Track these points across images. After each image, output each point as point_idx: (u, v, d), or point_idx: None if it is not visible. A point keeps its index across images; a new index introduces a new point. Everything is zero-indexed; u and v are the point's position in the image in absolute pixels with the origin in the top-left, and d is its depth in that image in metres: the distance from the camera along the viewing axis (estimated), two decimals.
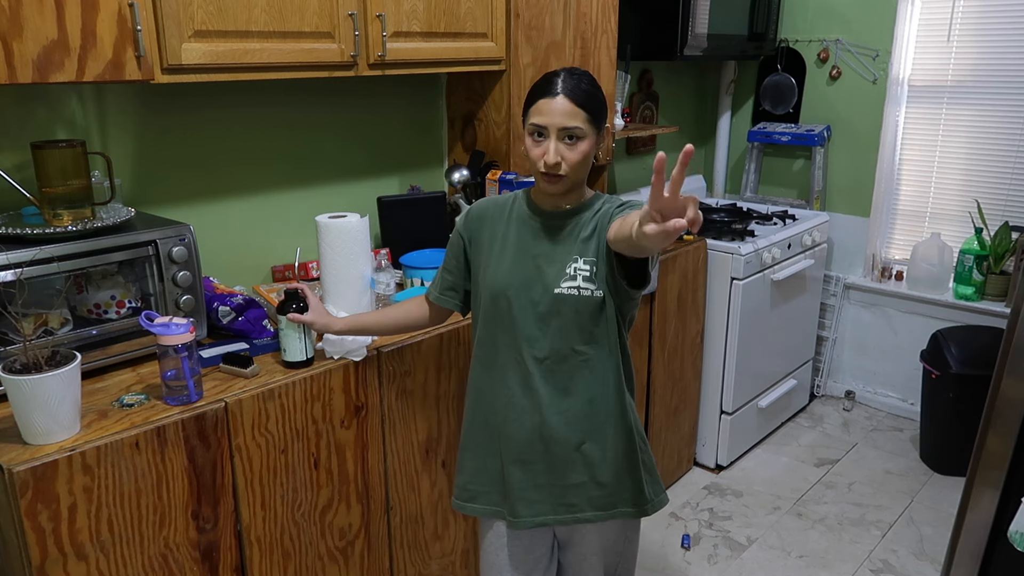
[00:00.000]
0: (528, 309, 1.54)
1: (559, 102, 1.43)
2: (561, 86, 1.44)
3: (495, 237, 1.61)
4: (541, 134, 1.46)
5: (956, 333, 3.13)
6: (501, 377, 1.60)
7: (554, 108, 1.43)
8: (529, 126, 1.48)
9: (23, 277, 1.46)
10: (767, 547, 2.73)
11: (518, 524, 1.62)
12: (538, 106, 1.46)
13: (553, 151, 1.44)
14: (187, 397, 1.53)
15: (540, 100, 1.45)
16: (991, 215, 3.28)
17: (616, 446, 1.59)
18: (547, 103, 1.44)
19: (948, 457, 3.15)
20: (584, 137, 1.45)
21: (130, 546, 1.46)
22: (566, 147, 1.45)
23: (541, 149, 1.46)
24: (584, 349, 1.55)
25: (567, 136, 1.44)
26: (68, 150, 1.63)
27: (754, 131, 3.75)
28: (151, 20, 1.58)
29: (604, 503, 1.61)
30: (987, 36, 3.18)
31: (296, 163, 2.28)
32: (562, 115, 1.43)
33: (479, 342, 1.64)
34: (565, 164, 1.45)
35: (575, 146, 1.45)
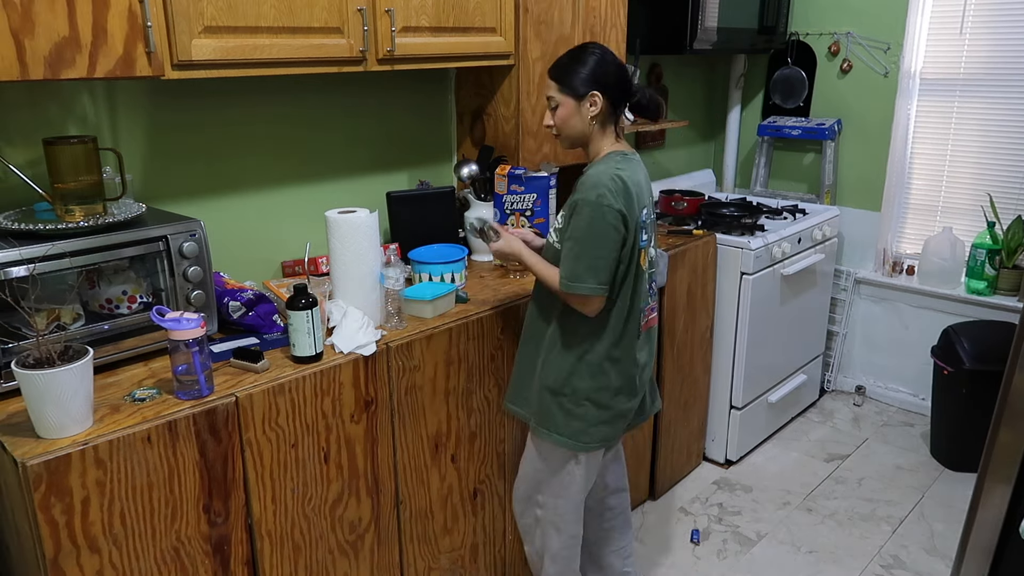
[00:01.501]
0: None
1: (547, 80, 1.84)
2: (553, 68, 1.82)
3: None
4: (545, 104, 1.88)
5: (968, 328, 3.11)
6: None
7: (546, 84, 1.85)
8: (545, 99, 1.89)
9: (36, 272, 1.47)
10: (777, 542, 2.72)
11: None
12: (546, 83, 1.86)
13: (547, 115, 1.86)
14: (198, 392, 1.54)
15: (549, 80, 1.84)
16: (1004, 209, 3.26)
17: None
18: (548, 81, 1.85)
19: (959, 453, 3.14)
20: (559, 104, 1.81)
21: (142, 539, 1.47)
22: (551, 112, 1.84)
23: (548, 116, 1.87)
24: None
25: (551, 104, 1.83)
26: (80, 146, 1.64)
27: (764, 125, 3.73)
28: (161, 16, 1.58)
29: None
30: (1000, 28, 3.16)
31: (306, 158, 2.29)
32: (546, 88, 1.85)
33: None
34: (554, 125, 1.85)
35: (555, 112, 1.84)
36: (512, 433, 2.23)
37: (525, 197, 2.33)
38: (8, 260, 1.45)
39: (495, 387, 2.14)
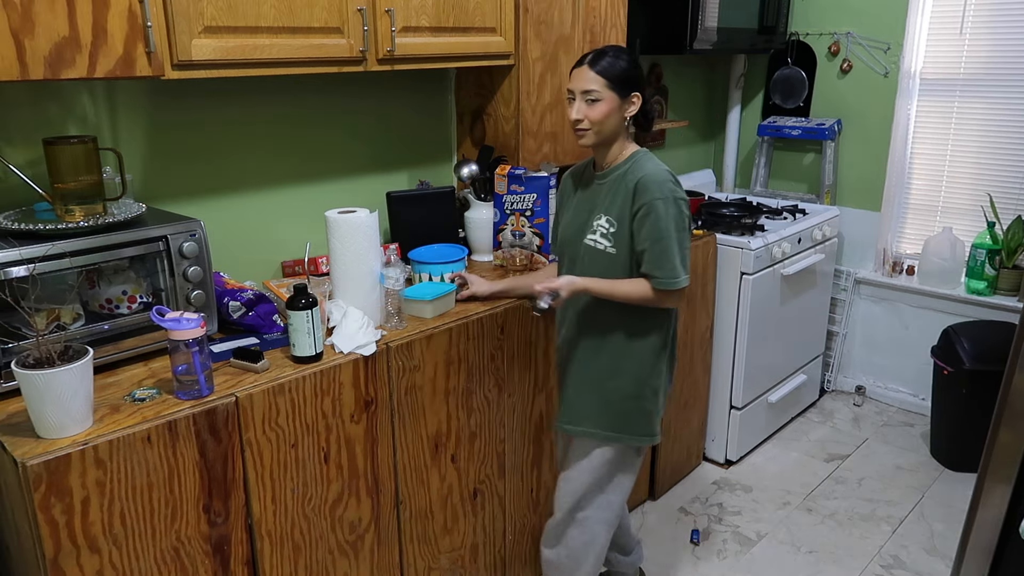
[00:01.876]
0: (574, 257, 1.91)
1: (584, 71, 1.78)
2: (590, 59, 1.78)
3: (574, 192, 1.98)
4: (572, 97, 1.81)
5: (968, 328, 3.11)
6: None
7: (580, 75, 1.79)
8: (567, 91, 1.83)
9: (36, 272, 1.47)
10: (776, 542, 2.72)
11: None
12: (572, 74, 1.82)
13: (576, 109, 1.80)
14: (198, 392, 1.54)
15: (574, 69, 1.81)
16: (1004, 209, 3.26)
17: None
18: (576, 71, 1.80)
19: (959, 453, 3.14)
20: (601, 100, 1.77)
21: (142, 539, 1.47)
22: (587, 107, 1.78)
23: (571, 109, 1.81)
24: None
25: (587, 98, 1.77)
26: (80, 146, 1.64)
27: (764, 125, 3.73)
28: (161, 16, 1.58)
29: None
30: (1000, 28, 3.16)
31: (306, 158, 2.29)
32: (584, 81, 1.78)
33: None
34: (588, 120, 1.79)
35: (594, 106, 1.78)
36: (512, 433, 2.23)
37: (525, 197, 2.33)
38: (8, 260, 1.45)
39: (495, 387, 2.14)
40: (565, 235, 1.95)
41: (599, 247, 1.84)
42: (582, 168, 1.99)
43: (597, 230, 1.85)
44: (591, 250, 1.86)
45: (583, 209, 1.90)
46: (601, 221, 1.84)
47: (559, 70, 2.52)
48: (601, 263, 1.84)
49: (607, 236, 1.83)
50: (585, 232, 1.87)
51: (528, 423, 2.27)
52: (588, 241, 1.86)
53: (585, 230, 1.87)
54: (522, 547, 2.38)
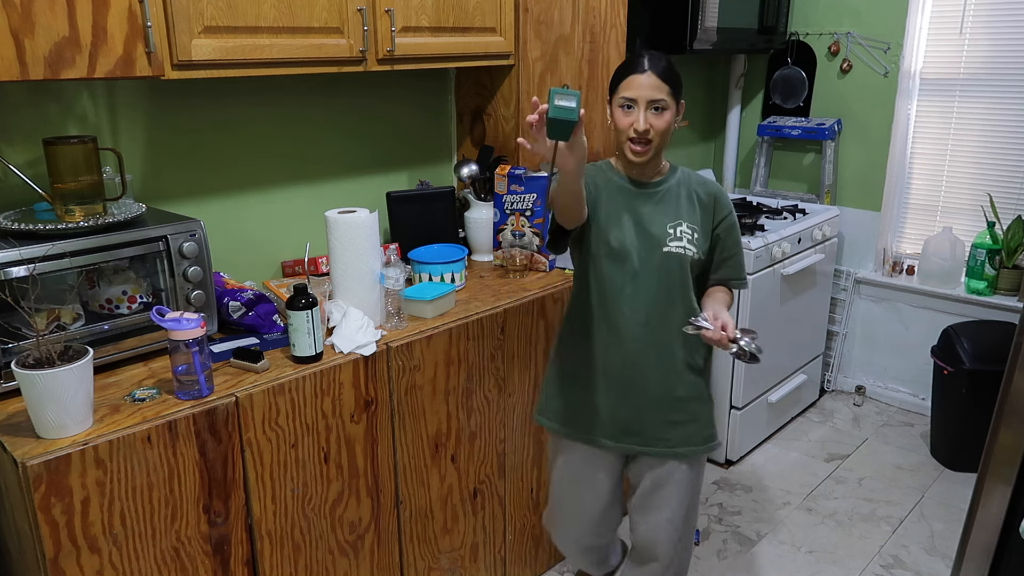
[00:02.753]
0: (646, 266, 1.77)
1: (648, 77, 1.67)
2: (648, 63, 1.67)
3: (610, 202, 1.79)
4: (631, 106, 1.69)
5: (968, 328, 3.11)
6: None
7: (644, 83, 1.67)
8: (619, 99, 1.70)
9: (36, 272, 1.47)
10: (777, 542, 2.72)
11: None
12: (628, 81, 1.69)
13: (643, 119, 1.68)
14: (198, 392, 1.54)
15: (630, 76, 1.69)
16: (1004, 209, 3.26)
17: None
18: (636, 78, 1.67)
19: (959, 452, 3.14)
20: (667, 108, 1.69)
21: (142, 539, 1.47)
22: (654, 116, 1.68)
23: (630, 119, 1.69)
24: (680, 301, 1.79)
25: (654, 107, 1.67)
26: (79, 146, 1.64)
27: (764, 125, 3.73)
28: (161, 16, 1.58)
29: None
30: (1000, 28, 3.16)
31: (305, 158, 2.29)
32: (650, 88, 1.67)
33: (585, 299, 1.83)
34: (653, 131, 1.69)
35: (661, 115, 1.69)
36: (512, 433, 2.23)
37: (525, 197, 2.33)
38: (8, 260, 1.45)
39: (495, 387, 2.14)
40: (625, 244, 1.76)
41: (688, 253, 1.76)
42: (605, 174, 1.81)
43: (682, 237, 1.76)
44: (677, 257, 1.75)
45: (645, 217, 1.76)
46: (684, 228, 1.76)
47: (559, 70, 2.52)
48: (682, 269, 1.76)
49: (693, 242, 1.76)
50: (664, 240, 1.75)
51: (528, 423, 2.27)
52: (674, 249, 1.75)
53: (663, 238, 1.75)
54: (522, 547, 2.38)
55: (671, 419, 1.82)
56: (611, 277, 1.77)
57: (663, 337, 1.79)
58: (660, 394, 1.81)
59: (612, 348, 1.80)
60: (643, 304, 1.77)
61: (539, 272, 2.36)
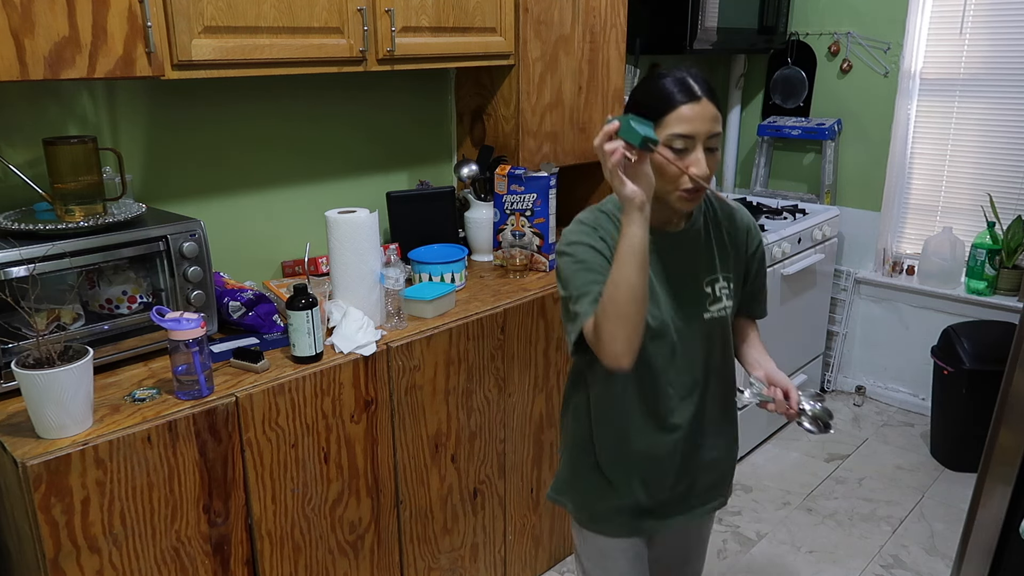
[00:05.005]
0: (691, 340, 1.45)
1: (705, 107, 1.29)
2: (700, 88, 1.31)
3: None
4: (684, 147, 1.29)
5: (968, 328, 3.11)
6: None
7: (702, 114, 1.29)
8: (669, 138, 1.29)
9: (36, 272, 1.47)
10: (777, 542, 2.72)
11: None
12: (680, 113, 1.29)
13: (704, 162, 1.29)
14: (198, 392, 1.54)
15: (682, 106, 1.29)
16: (1004, 209, 3.26)
17: None
18: (692, 109, 1.29)
19: (959, 453, 3.14)
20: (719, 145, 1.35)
21: (142, 539, 1.47)
22: (710, 156, 1.31)
23: (684, 163, 1.29)
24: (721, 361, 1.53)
25: (709, 146, 1.31)
26: (79, 146, 1.64)
27: (764, 125, 3.73)
28: (161, 16, 1.58)
29: None
30: (1000, 28, 3.15)
31: (305, 158, 2.29)
32: (711, 120, 1.30)
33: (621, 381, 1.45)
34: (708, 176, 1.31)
35: (715, 154, 1.32)
36: (512, 433, 2.23)
37: (525, 197, 2.33)
38: (8, 260, 1.45)
39: (495, 387, 2.14)
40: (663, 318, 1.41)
41: (729, 312, 1.48)
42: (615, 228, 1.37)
43: (721, 295, 1.45)
44: (720, 322, 1.46)
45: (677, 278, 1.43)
46: (721, 283, 1.46)
47: (559, 70, 2.52)
48: (724, 331, 1.49)
49: (731, 295, 1.48)
50: (703, 304, 1.44)
51: (528, 423, 2.27)
52: (716, 314, 1.45)
53: (702, 302, 1.44)
54: (522, 547, 2.38)
55: (711, 482, 1.61)
56: (649, 359, 1.42)
57: (708, 406, 1.54)
58: (707, 462, 1.58)
59: (659, 434, 1.49)
60: (688, 381, 1.47)
61: (539, 272, 2.36)
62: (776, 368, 1.48)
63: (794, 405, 1.42)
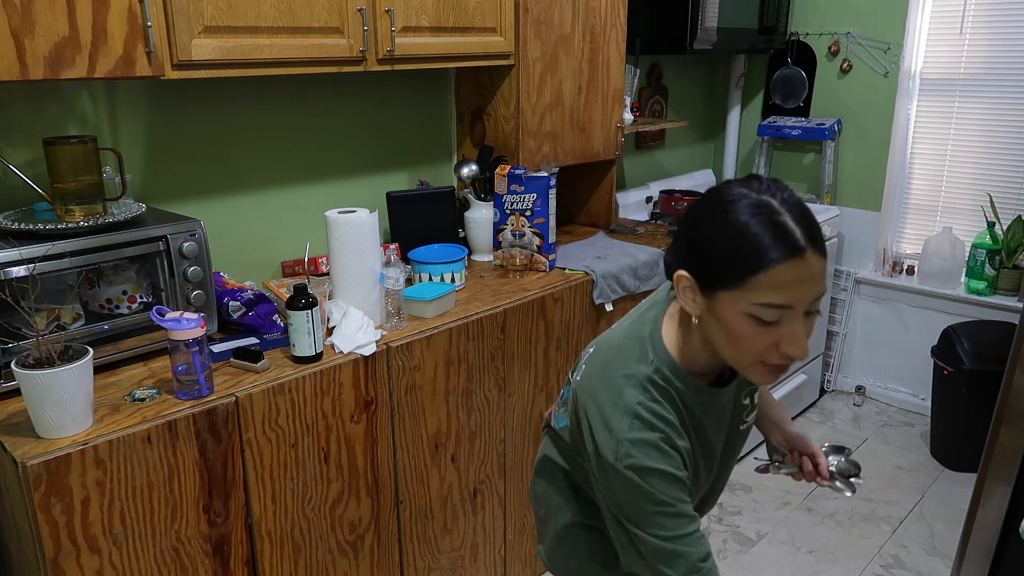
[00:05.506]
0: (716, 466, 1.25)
1: (813, 264, 0.93)
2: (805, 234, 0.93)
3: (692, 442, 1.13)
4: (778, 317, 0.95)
5: (968, 328, 3.11)
6: None
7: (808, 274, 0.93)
8: (759, 307, 0.94)
9: (36, 272, 1.47)
10: (777, 542, 2.72)
11: None
12: (779, 276, 0.92)
13: (803, 338, 0.96)
14: (198, 392, 1.54)
15: (781, 266, 0.92)
16: (1004, 209, 3.26)
17: None
18: (796, 270, 0.92)
19: (959, 453, 3.14)
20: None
21: (142, 539, 1.47)
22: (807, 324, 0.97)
23: (774, 336, 0.96)
24: None
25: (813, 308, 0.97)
26: (79, 146, 1.64)
27: (764, 125, 3.73)
28: (161, 16, 1.58)
29: None
30: (1000, 28, 3.15)
31: (305, 159, 2.29)
32: (818, 281, 0.94)
33: None
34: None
35: (814, 319, 0.98)
36: (512, 433, 2.23)
37: (525, 197, 2.33)
38: (8, 260, 1.45)
39: (495, 387, 2.14)
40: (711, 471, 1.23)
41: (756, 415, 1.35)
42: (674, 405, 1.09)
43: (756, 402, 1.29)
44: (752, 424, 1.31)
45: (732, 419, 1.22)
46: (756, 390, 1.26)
47: (559, 70, 2.52)
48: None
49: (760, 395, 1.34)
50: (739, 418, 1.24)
51: (528, 423, 2.27)
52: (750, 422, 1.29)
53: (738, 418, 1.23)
54: (522, 547, 2.38)
55: None
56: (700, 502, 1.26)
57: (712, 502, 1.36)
58: None
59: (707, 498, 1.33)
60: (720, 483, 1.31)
61: (539, 272, 2.36)
62: (795, 428, 1.31)
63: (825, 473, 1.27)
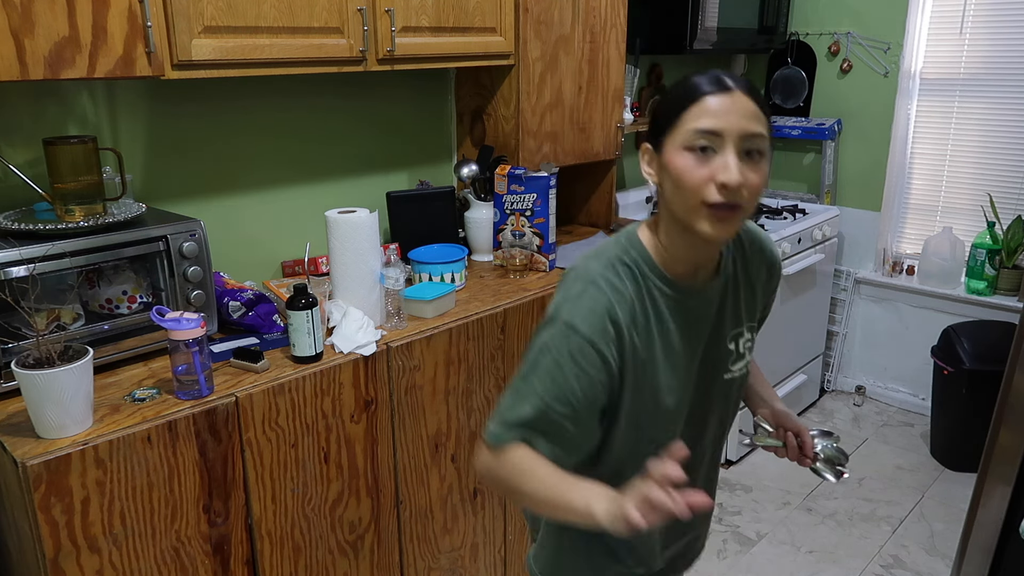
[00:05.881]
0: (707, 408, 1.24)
1: (737, 99, 1.02)
2: (732, 81, 1.04)
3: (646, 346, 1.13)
4: (708, 146, 1.01)
5: (968, 328, 3.11)
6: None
7: (732, 107, 1.01)
8: (690, 135, 1.02)
9: (36, 272, 1.47)
10: (777, 542, 2.72)
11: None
12: (704, 106, 1.02)
13: (735, 166, 1.00)
14: (198, 392, 1.54)
15: (705, 97, 1.02)
16: (1003, 209, 3.26)
17: None
18: (720, 100, 1.02)
19: (959, 452, 3.14)
20: (765, 155, 1.04)
21: (142, 539, 1.47)
22: (748, 166, 1.02)
23: (711, 168, 1.01)
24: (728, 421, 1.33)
25: (747, 149, 1.02)
26: (79, 146, 1.64)
27: None
28: (161, 16, 1.58)
29: None
30: (1000, 28, 3.16)
31: (305, 158, 2.29)
32: (743, 116, 1.01)
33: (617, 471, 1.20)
34: (747, 190, 1.01)
35: (758, 165, 1.03)
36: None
37: (525, 197, 2.33)
38: (8, 260, 1.45)
39: (495, 387, 2.14)
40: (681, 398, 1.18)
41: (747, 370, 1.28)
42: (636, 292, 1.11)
43: (744, 351, 1.24)
44: (739, 380, 1.26)
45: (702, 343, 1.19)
46: (746, 337, 1.24)
47: (559, 70, 2.52)
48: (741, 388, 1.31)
49: (752, 349, 1.28)
50: (725, 363, 1.23)
51: None
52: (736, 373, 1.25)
53: (723, 362, 1.22)
54: (522, 547, 2.38)
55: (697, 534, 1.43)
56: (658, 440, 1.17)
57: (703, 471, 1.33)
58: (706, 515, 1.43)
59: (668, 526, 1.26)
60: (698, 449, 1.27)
61: (539, 272, 2.36)
62: (783, 405, 1.32)
63: (809, 452, 1.27)
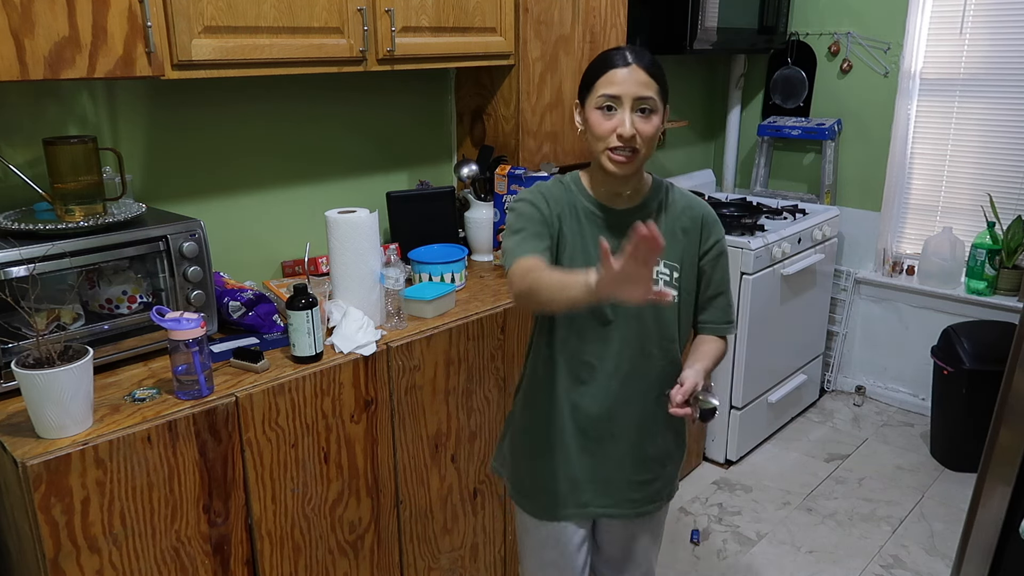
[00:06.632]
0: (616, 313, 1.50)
1: (633, 71, 1.39)
2: (632, 57, 1.40)
3: (575, 233, 1.50)
4: (612, 107, 1.40)
5: (968, 328, 3.11)
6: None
7: (629, 77, 1.39)
8: (598, 98, 1.40)
9: (36, 272, 1.47)
10: (777, 542, 2.72)
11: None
12: (609, 76, 1.40)
13: (629, 122, 1.38)
14: (198, 392, 1.54)
15: (610, 71, 1.40)
16: (1004, 209, 3.26)
17: None
18: (619, 73, 1.39)
19: (959, 453, 3.14)
20: (656, 111, 1.41)
21: (142, 539, 1.47)
22: (640, 119, 1.40)
23: (613, 122, 1.40)
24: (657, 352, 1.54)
25: (640, 108, 1.40)
26: (79, 146, 1.64)
27: (764, 125, 3.73)
28: (161, 16, 1.59)
29: None
30: (1000, 28, 3.16)
31: (305, 158, 2.29)
32: (637, 84, 1.38)
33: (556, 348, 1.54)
34: (640, 138, 1.40)
35: (649, 119, 1.40)
36: None
37: None
38: (8, 260, 1.45)
39: (495, 387, 2.14)
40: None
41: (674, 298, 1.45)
42: (571, 197, 1.51)
43: (658, 279, 1.49)
44: (653, 308, 1.49)
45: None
46: (662, 270, 1.49)
47: (559, 70, 2.52)
48: (658, 317, 1.51)
49: (672, 283, 1.51)
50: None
51: None
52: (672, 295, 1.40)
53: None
54: None
55: (640, 479, 1.62)
56: (577, 327, 1.51)
57: (636, 393, 1.55)
58: (631, 455, 1.59)
59: (579, 408, 1.56)
60: (613, 356, 1.52)
61: None
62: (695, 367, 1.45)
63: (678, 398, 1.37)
